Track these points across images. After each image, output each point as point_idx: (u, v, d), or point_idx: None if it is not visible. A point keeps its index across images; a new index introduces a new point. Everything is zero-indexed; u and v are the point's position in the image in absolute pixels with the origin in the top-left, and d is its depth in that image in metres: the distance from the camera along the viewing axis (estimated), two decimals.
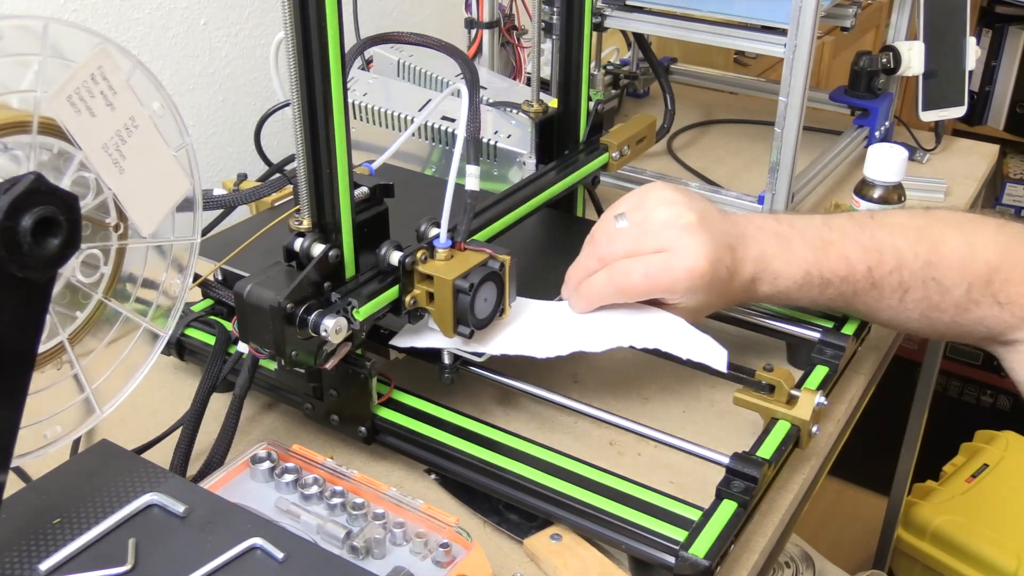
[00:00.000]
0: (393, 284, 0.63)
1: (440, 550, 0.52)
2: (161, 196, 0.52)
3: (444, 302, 0.62)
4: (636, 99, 1.30)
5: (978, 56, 1.15)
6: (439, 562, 0.52)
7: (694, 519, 0.58)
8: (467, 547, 0.52)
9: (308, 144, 0.59)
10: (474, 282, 0.61)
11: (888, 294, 0.69)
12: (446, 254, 0.63)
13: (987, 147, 1.23)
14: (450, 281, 0.61)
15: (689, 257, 0.65)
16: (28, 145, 0.46)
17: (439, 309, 0.63)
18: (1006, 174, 2.42)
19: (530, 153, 0.85)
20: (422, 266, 0.62)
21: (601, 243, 0.68)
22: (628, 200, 0.70)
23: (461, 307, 0.62)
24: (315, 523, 0.53)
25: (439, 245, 0.63)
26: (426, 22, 1.35)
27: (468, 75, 0.63)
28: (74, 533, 0.49)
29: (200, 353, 0.74)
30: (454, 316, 0.62)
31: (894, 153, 0.89)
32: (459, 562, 0.51)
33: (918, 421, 1.51)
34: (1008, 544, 1.51)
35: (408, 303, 0.63)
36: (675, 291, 0.66)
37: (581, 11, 0.79)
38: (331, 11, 0.55)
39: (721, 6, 0.97)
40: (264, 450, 0.57)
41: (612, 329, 0.66)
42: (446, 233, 0.63)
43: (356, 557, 0.51)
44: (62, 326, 0.50)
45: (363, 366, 0.63)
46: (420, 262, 0.63)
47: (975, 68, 1.16)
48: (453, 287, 0.61)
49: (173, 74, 1.03)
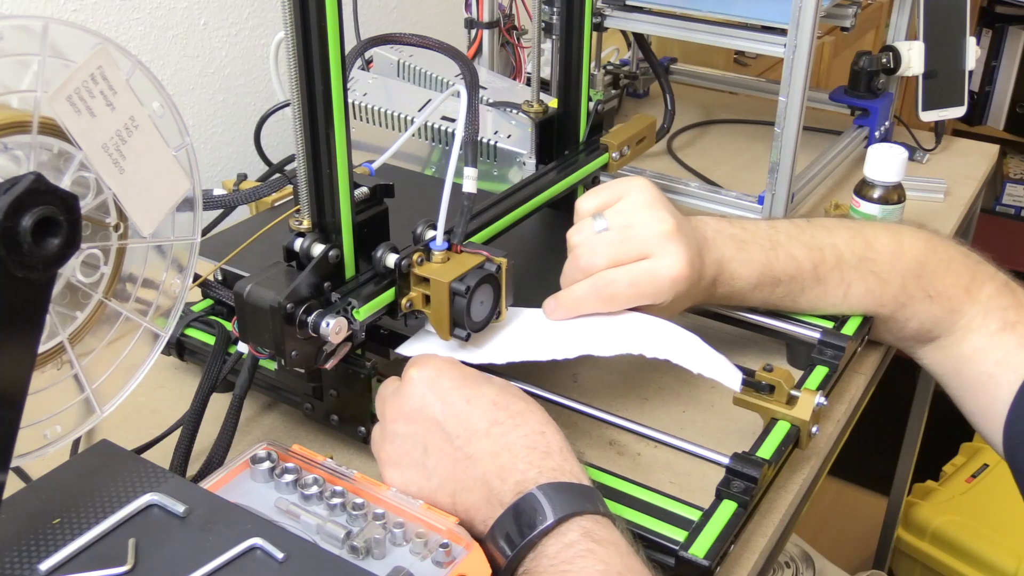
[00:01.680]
0: (391, 286, 0.63)
1: (440, 550, 0.51)
2: (161, 196, 0.52)
3: (440, 305, 0.62)
4: (636, 99, 1.30)
5: (978, 56, 1.15)
6: (439, 562, 0.51)
7: (694, 519, 0.58)
8: (467, 547, 0.52)
9: (308, 144, 0.59)
10: (470, 285, 0.61)
11: (832, 290, 0.72)
12: (443, 256, 0.63)
13: (987, 147, 1.23)
14: (446, 284, 0.61)
15: (672, 264, 0.65)
16: (28, 145, 0.46)
17: (435, 312, 0.62)
18: (1006, 174, 2.42)
19: (530, 153, 0.85)
20: (418, 269, 0.62)
21: (583, 253, 0.67)
22: (602, 193, 0.69)
23: (457, 310, 0.61)
24: (315, 523, 0.53)
25: (435, 247, 0.63)
26: (426, 22, 1.35)
27: (467, 77, 0.63)
28: (74, 533, 0.49)
29: (200, 353, 0.74)
30: (450, 319, 0.62)
31: (894, 153, 0.89)
32: (459, 562, 0.51)
33: (918, 421, 1.51)
34: (1008, 544, 1.51)
35: (404, 306, 0.63)
36: (659, 296, 0.66)
37: (581, 11, 0.79)
38: (331, 11, 0.55)
39: (721, 6, 0.97)
40: (264, 450, 0.57)
41: (622, 335, 0.66)
42: (442, 235, 0.63)
43: (356, 557, 0.51)
44: (62, 326, 0.50)
45: (363, 366, 0.63)
46: (416, 265, 0.62)
47: (975, 68, 1.17)
48: (449, 290, 0.61)
49: (173, 74, 1.03)
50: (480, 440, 0.55)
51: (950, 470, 1.69)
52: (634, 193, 0.68)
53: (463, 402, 0.56)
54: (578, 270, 0.67)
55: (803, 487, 0.67)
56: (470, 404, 0.56)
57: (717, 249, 0.69)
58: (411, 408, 0.57)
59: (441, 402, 0.57)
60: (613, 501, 0.59)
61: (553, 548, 0.50)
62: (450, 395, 0.57)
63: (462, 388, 0.57)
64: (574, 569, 0.49)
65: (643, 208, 0.67)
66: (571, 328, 0.67)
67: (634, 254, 0.66)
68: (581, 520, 0.51)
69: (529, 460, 0.54)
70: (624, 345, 0.65)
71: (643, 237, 0.66)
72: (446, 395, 0.57)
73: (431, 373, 0.58)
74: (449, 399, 0.57)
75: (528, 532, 0.51)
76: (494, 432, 0.55)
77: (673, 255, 0.65)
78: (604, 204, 0.68)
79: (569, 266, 0.69)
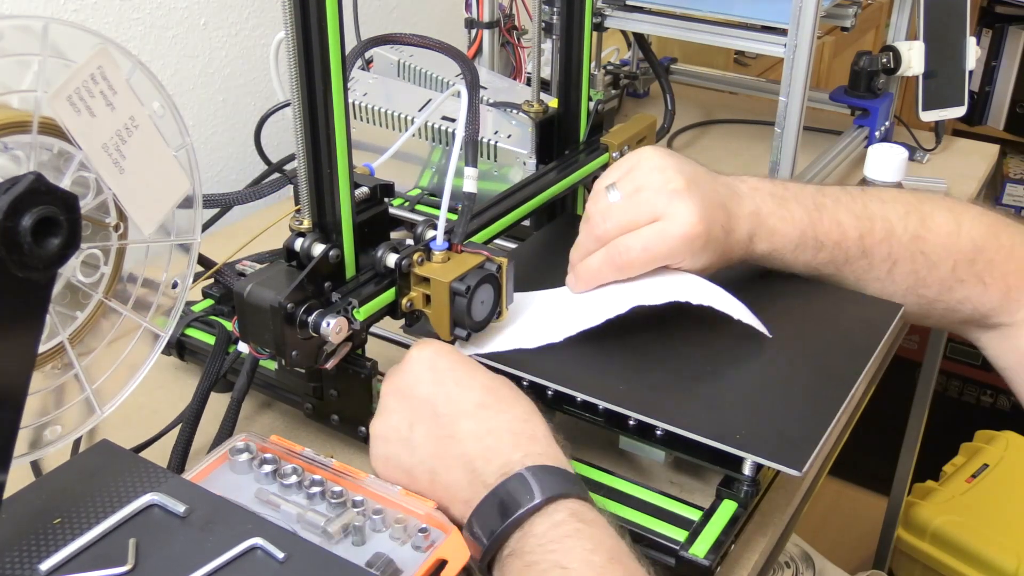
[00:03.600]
0: (391, 286, 0.63)
1: (419, 535, 0.52)
2: (161, 196, 0.52)
3: (441, 304, 0.62)
4: (636, 99, 1.30)
5: (978, 56, 1.15)
6: (418, 547, 0.52)
7: (694, 519, 0.58)
8: (446, 531, 0.52)
9: (308, 144, 0.59)
10: (471, 284, 0.61)
11: (877, 263, 0.70)
12: (443, 256, 0.63)
13: (987, 147, 1.23)
14: (447, 284, 0.61)
15: (683, 222, 0.65)
16: (28, 145, 0.46)
17: (436, 311, 0.63)
18: (1006, 174, 2.42)
19: (530, 153, 0.85)
20: (419, 268, 0.62)
21: (596, 221, 0.68)
22: (618, 168, 0.69)
23: (458, 310, 0.62)
24: (295, 512, 0.53)
25: (435, 247, 0.63)
26: (426, 22, 1.35)
27: (468, 77, 0.63)
28: (74, 533, 0.49)
29: (200, 353, 0.74)
30: (451, 319, 0.62)
31: (894, 153, 0.89)
32: (438, 546, 0.52)
33: (918, 421, 1.51)
34: (1008, 544, 1.51)
35: (405, 305, 0.63)
36: (675, 256, 0.66)
37: (581, 11, 0.79)
38: (331, 11, 0.55)
39: (721, 6, 0.97)
40: (243, 441, 0.58)
41: (665, 286, 0.66)
42: (443, 235, 0.63)
43: (336, 545, 0.52)
44: (62, 326, 0.50)
45: (363, 366, 0.63)
46: (417, 264, 0.63)
47: (975, 68, 1.16)
48: (450, 289, 0.61)
49: (173, 74, 1.03)
50: (466, 420, 0.56)
51: (950, 470, 1.69)
52: (644, 160, 0.68)
53: (454, 383, 0.57)
54: (592, 238, 0.68)
55: (803, 487, 0.67)
56: (460, 386, 0.57)
57: (752, 203, 0.68)
58: (405, 384, 0.58)
59: (434, 381, 0.58)
60: (613, 501, 0.59)
61: (541, 528, 0.50)
62: (443, 376, 0.58)
63: (456, 371, 0.58)
64: (563, 548, 0.49)
65: (652, 172, 0.67)
66: (608, 291, 0.68)
67: (645, 217, 0.66)
68: (568, 502, 0.51)
69: (515, 444, 0.54)
70: (670, 293, 0.65)
71: (652, 198, 0.66)
72: (440, 375, 0.58)
73: (429, 354, 0.59)
74: (442, 379, 0.58)
75: (515, 510, 0.51)
76: (481, 415, 0.56)
77: (683, 213, 0.65)
78: (619, 177, 0.68)
79: (583, 236, 0.69)
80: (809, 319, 0.70)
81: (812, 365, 0.65)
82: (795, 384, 0.63)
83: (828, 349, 0.67)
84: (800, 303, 0.71)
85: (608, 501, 0.59)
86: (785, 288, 0.72)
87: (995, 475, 1.64)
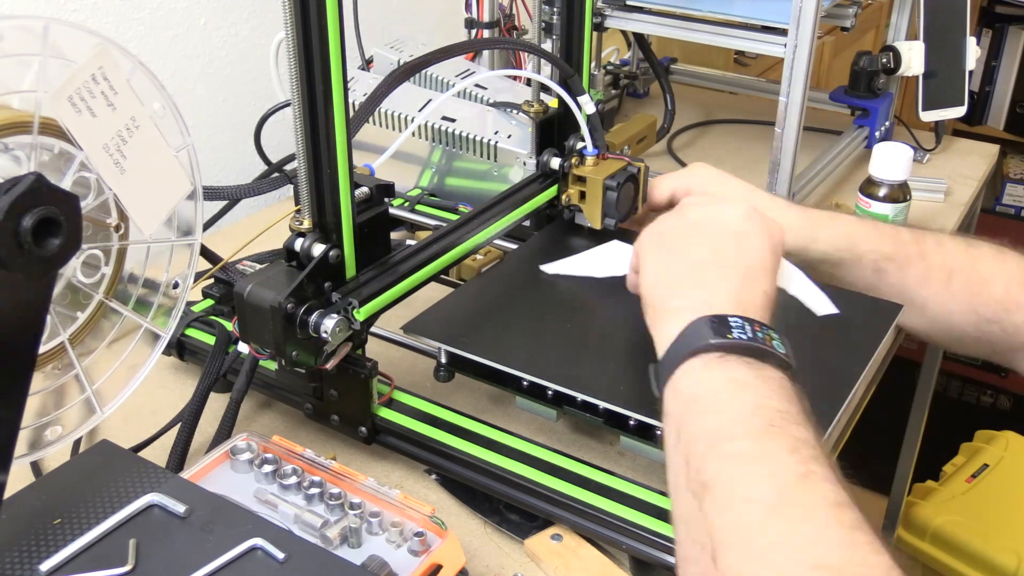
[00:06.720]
0: (392, 286, 0.64)
1: (415, 539, 0.52)
2: (162, 196, 0.52)
3: (595, 198, 0.77)
4: (636, 99, 1.30)
5: (978, 56, 1.15)
6: (414, 551, 0.52)
7: None
8: (442, 536, 0.53)
9: (308, 144, 0.59)
10: (620, 181, 0.76)
11: (936, 270, 0.72)
12: (594, 160, 0.78)
13: (987, 147, 1.23)
14: (601, 180, 0.76)
15: None
16: (29, 145, 0.46)
17: (590, 204, 0.78)
18: (1006, 174, 2.42)
19: (530, 153, 0.85)
20: (577, 169, 0.78)
21: None
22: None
23: (609, 202, 0.76)
24: (292, 513, 0.53)
25: (588, 153, 0.78)
26: (426, 22, 1.35)
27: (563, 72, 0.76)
28: (75, 533, 0.49)
29: (200, 353, 0.74)
30: (602, 209, 0.77)
31: (900, 152, 0.89)
32: (434, 550, 0.52)
33: (918, 421, 1.51)
34: (1008, 544, 1.50)
35: (564, 200, 0.79)
36: None
37: (581, 11, 0.79)
38: (331, 11, 0.55)
39: (721, 6, 0.97)
40: (244, 441, 0.58)
41: None
42: (591, 144, 0.77)
43: (332, 546, 0.52)
44: (63, 326, 0.50)
45: (363, 366, 0.63)
46: (575, 166, 0.78)
47: (975, 68, 1.16)
48: (603, 185, 0.76)
49: (173, 74, 1.03)
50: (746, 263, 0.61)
51: (950, 470, 1.69)
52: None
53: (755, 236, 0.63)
54: None
55: None
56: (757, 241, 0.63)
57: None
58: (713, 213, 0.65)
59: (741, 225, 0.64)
60: (613, 501, 0.59)
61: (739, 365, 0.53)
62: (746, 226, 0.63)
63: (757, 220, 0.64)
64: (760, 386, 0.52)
65: None
66: None
67: None
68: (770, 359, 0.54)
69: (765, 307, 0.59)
70: None
71: None
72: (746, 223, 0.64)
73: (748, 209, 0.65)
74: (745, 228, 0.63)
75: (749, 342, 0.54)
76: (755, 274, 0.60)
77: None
78: None
79: None
80: (809, 319, 0.70)
81: (812, 365, 0.65)
82: None
83: (828, 349, 0.67)
84: (800, 303, 0.71)
85: (608, 501, 0.59)
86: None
87: (995, 475, 1.64)
